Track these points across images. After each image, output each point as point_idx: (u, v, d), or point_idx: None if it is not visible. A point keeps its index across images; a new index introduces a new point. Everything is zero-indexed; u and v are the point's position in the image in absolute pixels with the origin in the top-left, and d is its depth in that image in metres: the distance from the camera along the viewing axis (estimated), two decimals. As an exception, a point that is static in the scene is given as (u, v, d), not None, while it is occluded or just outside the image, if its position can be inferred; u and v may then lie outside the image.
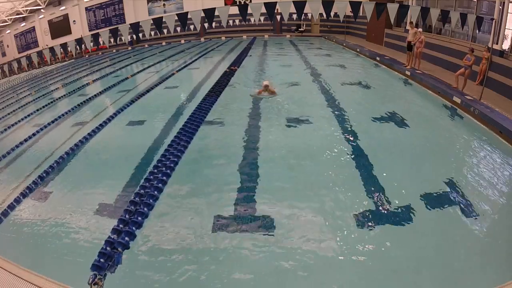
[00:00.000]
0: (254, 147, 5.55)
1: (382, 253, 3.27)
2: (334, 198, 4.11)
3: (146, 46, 25.02)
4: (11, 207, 4.52)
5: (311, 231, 3.54)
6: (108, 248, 3.33)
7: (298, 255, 3.26)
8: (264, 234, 3.52)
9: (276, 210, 3.87)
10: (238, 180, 4.56)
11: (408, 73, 10.06)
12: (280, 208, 3.91)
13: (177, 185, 4.56)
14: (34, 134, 7.49)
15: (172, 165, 4.91)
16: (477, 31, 9.95)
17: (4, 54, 31.63)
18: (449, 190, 4.15)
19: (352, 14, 8.23)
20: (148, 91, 9.97)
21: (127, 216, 3.83)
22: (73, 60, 24.43)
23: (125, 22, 25.53)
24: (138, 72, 14.13)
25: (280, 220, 3.72)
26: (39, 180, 5.14)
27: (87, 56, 25.19)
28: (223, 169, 4.94)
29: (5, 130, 8.48)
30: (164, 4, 26.40)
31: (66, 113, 8.87)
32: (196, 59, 15.84)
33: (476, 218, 3.68)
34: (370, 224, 3.61)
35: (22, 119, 9.23)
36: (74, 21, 28.28)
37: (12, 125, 8.76)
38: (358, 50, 15.15)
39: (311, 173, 4.70)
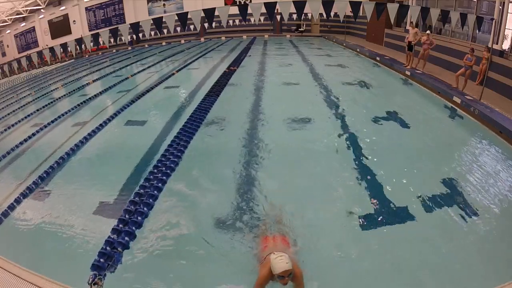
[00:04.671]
0: (254, 146, 5.55)
1: (382, 252, 3.28)
2: (334, 198, 4.11)
3: (146, 46, 25.03)
4: (11, 207, 4.52)
5: (311, 231, 3.53)
6: (108, 248, 3.33)
7: (297, 255, 3.25)
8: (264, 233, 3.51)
9: (275, 210, 3.86)
10: (238, 181, 4.56)
11: (408, 73, 10.06)
12: (281, 208, 3.90)
13: (177, 185, 4.56)
14: (34, 134, 7.49)
15: (172, 165, 4.91)
16: (477, 31, 9.95)
17: (4, 54, 31.62)
18: (449, 190, 4.15)
19: (352, 14, 8.22)
20: (148, 91, 9.97)
21: (127, 216, 3.83)
22: (73, 60, 24.44)
23: (125, 22, 25.53)
24: (138, 72, 14.13)
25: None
26: (39, 180, 5.13)
27: (87, 56, 25.19)
28: (223, 169, 4.93)
29: (5, 130, 8.49)
30: (164, 4, 26.40)
31: (66, 113, 8.87)
32: (196, 59, 15.84)
33: (476, 218, 3.68)
34: (369, 224, 3.61)
35: (22, 119, 9.23)
36: (74, 21, 28.28)
37: (12, 125, 8.76)
38: (358, 50, 15.15)
39: (311, 173, 4.69)
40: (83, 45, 8.16)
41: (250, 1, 23.04)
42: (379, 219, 3.69)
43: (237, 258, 3.22)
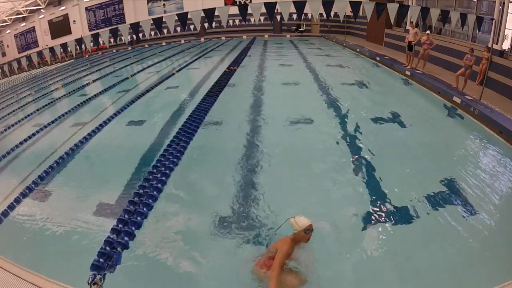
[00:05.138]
0: (253, 147, 5.55)
1: (382, 253, 3.28)
2: (333, 198, 4.11)
3: (146, 46, 25.03)
4: (11, 207, 4.52)
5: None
6: (107, 248, 3.33)
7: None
8: (263, 235, 3.52)
9: (276, 211, 3.86)
10: (237, 181, 4.55)
11: (408, 73, 10.06)
12: (280, 209, 3.90)
13: (176, 185, 4.56)
14: (34, 134, 7.50)
15: (171, 165, 4.91)
16: (477, 31, 9.95)
17: (4, 54, 31.63)
18: (449, 190, 4.15)
19: (352, 14, 8.22)
20: (148, 91, 9.97)
21: (126, 216, 3.83)
22: (73, 60, 24.44)
23: (125, 22, 25.53)
24: (138, 72, 14.14)
25: (279, 220, 3.71)
26: (39, 180, 5.14)
27: (87, 56, 25.20)
28: (223, 169, 4.93)
29: (5, 130, 8.49)
30: (164, 4, 26.40)
31: (66, 113, 8.87)
32: (196, 59, 15.84)
33: (476, 218, 3.67)
34: (369, 224, 3.61)
35: (22, 119, 9.24)
36: (74, 21, 28.28)
37: (12, 125, 8.76)
38: (358, 50, 15.15)
39: (311, 173, 4.69)
40: (83, 45, 8.16)
41: (250, 1, 23.04)
42: (379, 219, 3.69)
43: (236, 260, 3.22)
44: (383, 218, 3.70)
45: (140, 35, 11.91)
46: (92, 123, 7.63)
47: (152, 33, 8.12)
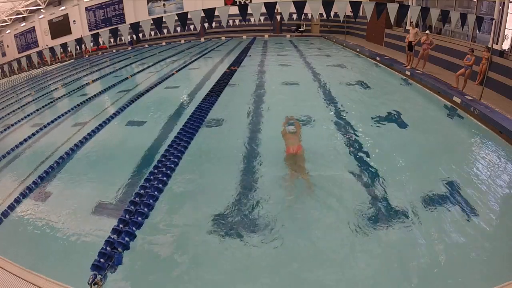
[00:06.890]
0: (254, 147, 5.55)
1: (381, 253, 3.28)
2: (333, 198, 4.11)
3: (146, 46, 25.03)
4: (11, 207, 4.52)
5: (309, 233, 3.54)
6: (108, 248, 3.33)
7: (296, 255, 3.26)
8: (264, 236, 3.52)
9: (276, 211, 3.87)
10: (238, 181, 4.56)
11: (408, 73, 10.06)
12: (280, 209, 3.91)
13: (177, 186, 4.56)
14: (34, 134, 7.50)
15: (172, 165, 4.91)
16: (477, 31, 9.95)
17: (4, 54, 31.63)
18: (449, 190, 4.15)
19: (352, 14, 8.22)
20: (148, 91, 9.97)
21: (127, 216, 3.83)
22: (73, 60, 24.44)
23: (125, 22, 25.53)
24: (138, 72, 14.13)
25: (280, 221, 3.72)
26: (39, 180, 5.14)
27: (87, 56, 25.19)
28: (224, 169, 4.94)
29: (5, 130, 8.49)
30: (164, 4, 26.40)
31: (66, 113, 8.87)
32: (196, 59, 15.84)
33: (476, 218, 3.68)
34: (369, 224, 3.61)
35: (22, 119, 9.24)
36: (74, 21, 28.28)
37: (12, 125, 8.76)
38: (358, 50, 15.15)
39: (310, 174, 4.69)
40: (83, 45, 8.16)
41: (250, 1, 23.04)
42: (378, 219, 3.69)
43: (237, 260, 3.22)
44: (383, 218, 3.70)
45: (140, 35, 11.90)
46: (92, 123, 7.63)
47: (152, 33, 8.11)
